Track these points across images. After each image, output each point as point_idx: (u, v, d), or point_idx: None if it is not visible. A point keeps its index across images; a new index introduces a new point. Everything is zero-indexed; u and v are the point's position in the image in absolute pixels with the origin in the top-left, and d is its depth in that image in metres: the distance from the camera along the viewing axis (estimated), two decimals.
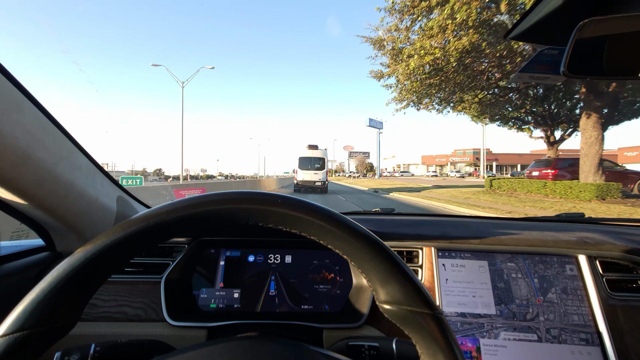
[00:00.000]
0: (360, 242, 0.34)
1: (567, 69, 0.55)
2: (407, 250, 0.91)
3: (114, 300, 0.83)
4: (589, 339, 0.79)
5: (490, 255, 0.88)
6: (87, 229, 0.81)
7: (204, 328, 0.78)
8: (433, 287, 0.85)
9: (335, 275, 0.89)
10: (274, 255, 0.91)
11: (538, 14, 0.59)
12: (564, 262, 0.87)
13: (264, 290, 0.87)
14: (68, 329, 0.32)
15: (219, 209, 0.35)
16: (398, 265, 0.34)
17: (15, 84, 0.57)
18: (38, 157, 0.61)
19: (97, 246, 0.32)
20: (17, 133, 0.56)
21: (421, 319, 0.32)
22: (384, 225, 0.98)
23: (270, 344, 0.42)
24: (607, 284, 0.84)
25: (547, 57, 0.69)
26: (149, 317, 0.81)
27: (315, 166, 18.26)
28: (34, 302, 0.30)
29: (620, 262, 0.87)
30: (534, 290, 0.84)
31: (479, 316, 0.82)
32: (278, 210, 0.35)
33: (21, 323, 0.29)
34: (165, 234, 0.35)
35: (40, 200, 0.68)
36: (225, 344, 0.40)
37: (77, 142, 0.75)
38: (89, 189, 0.78)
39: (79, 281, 0.31)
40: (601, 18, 0.50)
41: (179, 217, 0.34)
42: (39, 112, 0.63)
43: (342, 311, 0.85)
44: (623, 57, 0.55)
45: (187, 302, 0.85)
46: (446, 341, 0.32)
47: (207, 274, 0.89)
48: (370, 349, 0.58)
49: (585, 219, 1.17)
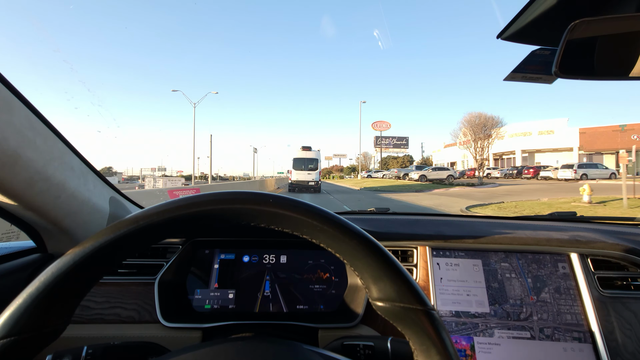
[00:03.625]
0: (352, 240, 0.34)
1: (558, 69, 0.56)
2: (402, 249, 0.92)
3: (107, 302, 0.82)
4: (582, 338, 0.80)
5: (484, 254, 0.89)
6: (79, 230, 0.80)
7: (199, 329, 0.78)
8: (428, 286, 0.85)
9: (331, 275, 0.89)
10: (269, 255, 0.90)
11: (530, 15, 0.60)
12: (556, 261, 0.88)
13: (259, 290, 0.86)
14: (58, 334, 0.32)
15: (210, 209, 0.34)
16: (390, 263, 0.34)
17: (5, 84, 0.57)
18: (29, 158, 0.60)
19: (86, 249, 0.31)
20: (7, 133, 0.55)
21: (414, 315, 0.33)
22: (378, 225, 0.98)
23: (265, 344, 0.42)
24: (598, 282, 0.85)
25: (539, 58, 0.70)
26: (143, 319, 0.81)
27: (309, 167, 19.76)
28: (21, 307, 0.29)
29: (612, 260, 0.88)
30: (527, 290, 0.85)
31: (474, 316, 0.82)
32: (270, 210, 0.35)
33: (8, 329, 0.29)
34: (157, 235, 0.35)
35: (31, 201, 0.66)
36: (220, 344, 0.40)
37: (69, 143, 0.74)
38: (81, 190, 0.77)
39: (67, 285, 0.31)
40: (592, 19, 0.51)
41: (170, 218, 0.33)
42: (30, 112, 0.62)
43: (337, 311, 0.85)
44: (614, 57, 0.55)
45: (181, 303, 0.85)
46: (439, 337, 0.32)
47: (201, 274, 0.88)
48: (365, 348, 0.58)
49: (577, 218, 1.19)
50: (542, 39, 0.66)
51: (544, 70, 0.72)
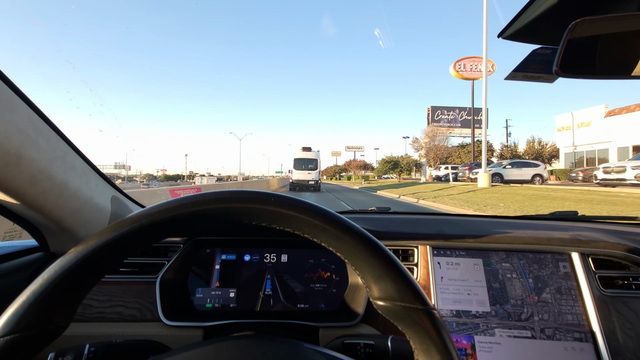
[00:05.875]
0: (354, 240, 0.34)
1: (559, 68, 0.55)
2: (403, 248, 0.92)
3: (109, 300, 0.82)
4: (583, 338, 0.80)
5: (485, 253, 0.89)
6: (81, 229, 0.80)
7: (200, 328, 0.78)
8: (428, 285, 0.85)
9: (331, 274, 0.89)
10: (270, 254, 0.91)
11: (531, 14, 0.60)
12: (557, 261, 0.88)
13: (260, 289, 0.87)
14: (60, 331, 0.32)
15: (212, 208, 0.35)
16: (391, 262, 0.34)
17: (8, 83, 0.57)
18: (31, 157, 0.61)
19: (89, 247, 0.32)
20: (10, 132, 0.56)
21: (414, 314, 0.33)
22: (379, 224, 0.98)
23: (266, 342, 0.42)
24: (599, 281, 0.85)
25: (540, 57, 0.70)
26: (144, 317, 0.81)
27: (309, 167, 21.03)
28: (25, 304, 0.30)
29: (613, 259, 0.88)
30: (528, 290, 0.85)
31: (475, 316, 0.82)
32: (271, 209, 0.35)
33: (12, 326, 0.29)
34: (159, 234, 0.35)
35: (34, 200, 0.67)
36: (221, 343, 0.40)
37: (71, 142, 0.74)
38: (83, 189, 0.77)
39: (70, 283, 0.31)
40: (593, 18, 0.51)
41: (172, 216, 0.34)
42: (32, 111, 0.62)
43: (338, 310, 0.85)
44: (615, 56, 0.55)
45: (183, 302, 0.85)
46: (439, 336, 0.32)
47: (202, 273, 0.88)
48: (366, 347, 0.58)
49: (578, 217, 1.18)
50: (543, 38, 0.66)
51: (545, 69, 0.72)
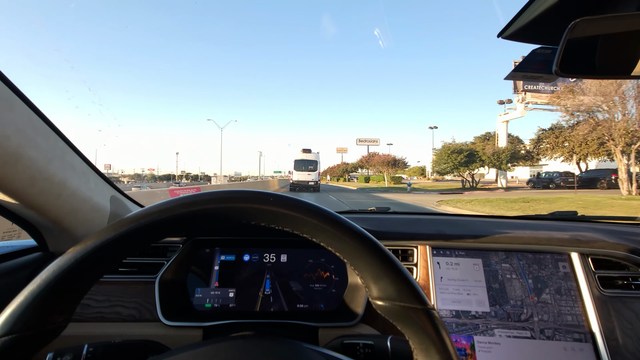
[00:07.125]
0: (352, 239, 0.34)
1: (559, 68, 0.55)
2: (402, 248, 0.92)
3: (108, 300, 0.82)
4: (582, 338, 0.80)
5: (484, 254, 0.89)
6: (79, 228, 0.80)
7: (199, 328, 0.78)
8: (428, 285, 0.85)
9: (331, 274, 0.89)
10: (269, 254, 0.90)
11: (531, 14, 0.60)
12: (557, 261, 0.88)
13: (259, 289, 0.86)
14: (58, 332, 0.32)
15: (211, 208, 0.34)
16: (390, 262, 0.34)
17: (6, 83, 0.57)
18: (30, 157, 0.60)
19: (88, 247, 0.31)
20: (9, 132, 0.56)
21: (413, 314, 0.33)
22: (379, 224, 0.98)
23: (266, 342, 0.42)
24: (599, 281, 0.85)
25: (540, 57, 0.70)
26: (143, 317, 0.81)
27: (309, 168, 21.96)
28: (23, 305, 0.29)
29: (612, 260, 0.88)
30: (528, 290, 0.85)
31: (474, 316, 0.82)
32: (270, 209, 0.35)
33: (9, 326, 0.29)
34: (158, 234, 0.35)
35: (33, 200, 0.67)
36: (220, 343, 0.40)
37: (70, 142, 0.74)
38: (82, 189, 0.77)
39: (69, 283, 0.31)
40: (593, 18, 0.51)
41: (171, 216, 0.33)
42: (31, 111, 0.62)
43: (337, 310, 0.85)
44: (615, 56, 0.55)
45: (182, 302, 0.85)
46: (438, 336, 0.32)
47: (202, 273, 0.88)
48: (365, 347, 0.58)
49: (578, 217, 1.18)
50: (543, 38, 0.66)
51: (545, 69, 0.72)
